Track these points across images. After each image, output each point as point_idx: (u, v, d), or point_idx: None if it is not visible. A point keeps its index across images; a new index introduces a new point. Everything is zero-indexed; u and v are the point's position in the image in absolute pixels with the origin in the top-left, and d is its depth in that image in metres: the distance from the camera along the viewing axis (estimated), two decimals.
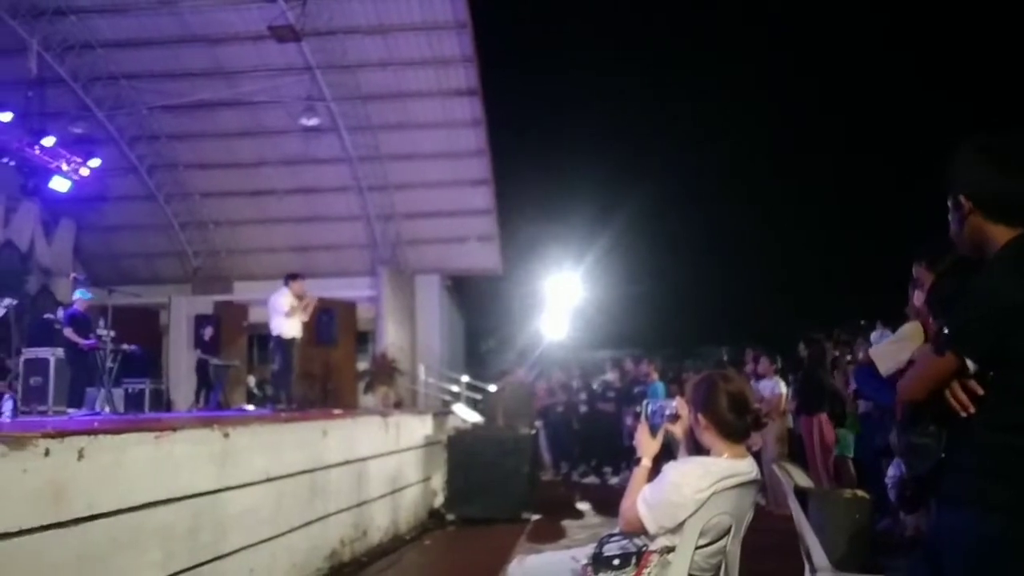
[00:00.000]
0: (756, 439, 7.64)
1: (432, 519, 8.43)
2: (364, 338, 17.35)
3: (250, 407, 12.06)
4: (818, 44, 24.13)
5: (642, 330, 21.90)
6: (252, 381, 15.69)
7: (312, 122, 14.24)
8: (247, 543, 4.60)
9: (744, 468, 2.57)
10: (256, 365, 16.66)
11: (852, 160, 23.85)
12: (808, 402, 8.10)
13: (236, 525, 4.52)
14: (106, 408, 8.89)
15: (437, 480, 8.84)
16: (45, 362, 9.64)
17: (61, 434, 3.30)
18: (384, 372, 15.87)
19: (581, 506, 9.66)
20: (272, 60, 14.15)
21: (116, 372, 9.45)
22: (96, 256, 16.79)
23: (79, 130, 13.89)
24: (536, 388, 12.80)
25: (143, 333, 13.42)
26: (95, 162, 13.51)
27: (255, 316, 15.23)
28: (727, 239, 25.20)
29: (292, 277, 9.25)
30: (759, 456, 7.35)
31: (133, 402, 11.10)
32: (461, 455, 8.50)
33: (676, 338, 22.85)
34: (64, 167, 12.95)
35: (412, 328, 17.33)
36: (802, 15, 24.04)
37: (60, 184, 13.05)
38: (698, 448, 2.70)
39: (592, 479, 12.09)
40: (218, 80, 14.57)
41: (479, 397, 14.86)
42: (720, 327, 22.62)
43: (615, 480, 11.42)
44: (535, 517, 8.32)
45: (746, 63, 24.94)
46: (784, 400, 8.57)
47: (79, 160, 13.19)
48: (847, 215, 24.06)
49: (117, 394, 10.01)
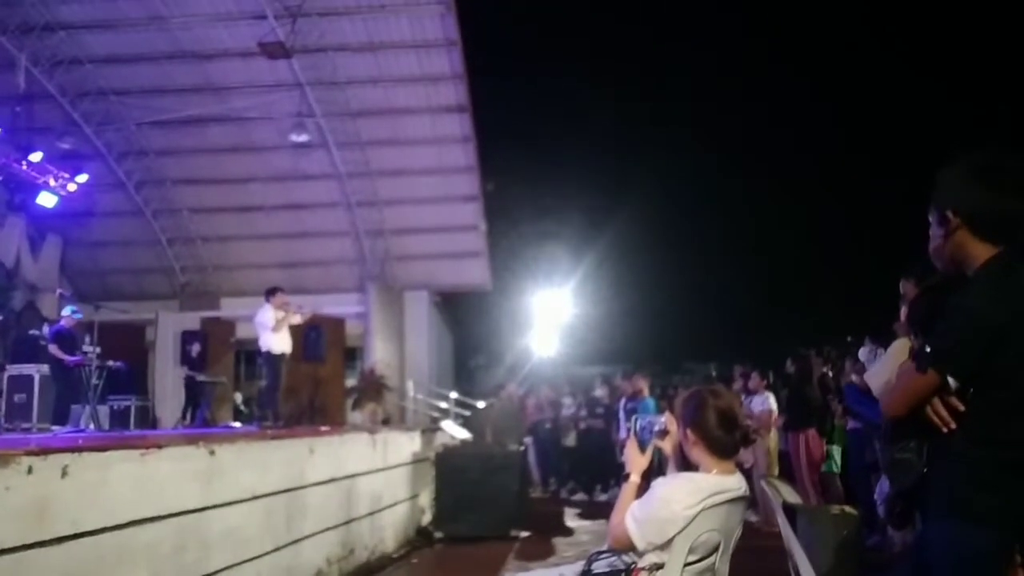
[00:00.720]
0: (747, 456, 7.65)
1: (420, 537, 8.37)
2: (352, 354, 17.28)
3: (236, 424, 11.99)
4: (813, 57, 24.42)
5: (631, 346, 21.92)
6: (239, 398, 15.59)
7: (302, 138, 14.25)
8: (233, 562, 4.55)
9: (733, 484, 2.57)
10: (243, 382, 16.56)
11: (842, 177, 24.05)
12: (796, 418, 8.11)
13: (222, 543, 4.48)
14: (91, 425, 8.81)
15: (425, 497, 8.78)
16: (29, 379, 9.56)
17: (45, 451, 3.26)
18: (372, 388, 15.79)
19: (570, 523, 9.62)
20: (262, 76, 14.18)
21: (101, 389, 9.37)
22: (82, 272, 16.69)
23: (67, 145, 13.84)
24: (525, 404, 12.77)
25: (129, 349, 13.32)
26: (83, 177, 13.47)
27: (242, 332, 15.14)
28: (715, 255, 25.32)
29: (272, 292, 9.22)
30: (750, 473, 7.36)
31: (118, 419, 11.01)
32: (449, 472, 8.46)
33: (664, 354, 22.89)
34: (51, 182, 12.91)
35: (401, 344, 17.28)
36: (798, 27, 24.34)
37: (47, 199, 13.00)
38: (687, 464, 2.69)
39: (581, 496, 12.05)
40: (208, 96, 14.58)
41: (468, 414, 14.81)
42: (708, 343, 22.69)
43: (604, 497, 11.38)
44: (524, 534, 8.27)
45: (737, 78, 25.19)
46: (774, 416, 8.57)
47: (66, 175, 13.16)
48: (836, 231, 24.29)
49: (102, 411, 9.92)
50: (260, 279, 14.29)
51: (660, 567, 2.51)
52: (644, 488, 2.64)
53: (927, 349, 2.12)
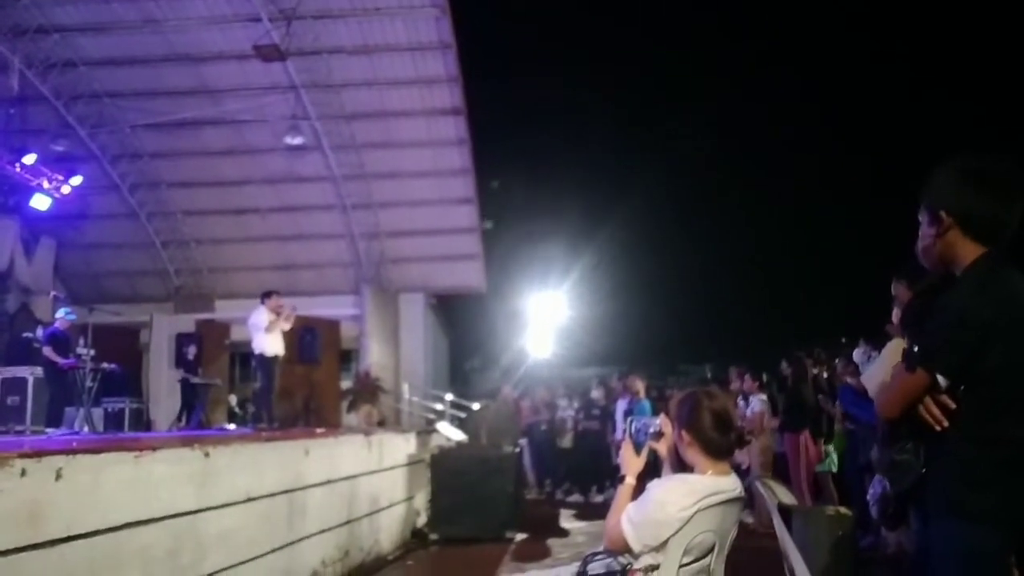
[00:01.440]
0: (742, 457, 7.67)
1: (415, 539, 8.37)
2: (347, 356, 17.25)
3: (231, 426, 11.97)
4: (810, 60, 24.51)
5: (626, 348, 21.97)
6: (234, 400, 15.55)
7: (296, 141, 14.24)
8: (227, 564, 4.54)
9: (728, 485, 2.58)
10: (238, 384, 16.52)
11: (834, 179, 24.13)
12: (792, 419, 8.13)
13: (216, 546, 4.47)
14: (85, 428, 8.79)
15: (420, 499, 8.77)
16: (23, 381, 9.54)
17: (38, 454, 3.26)
18: (367, 391, 15.78)
19: (565, 524, 9.62)
20: (257, 79, 14.15)
21: (96, 391, 9.35)
22: (77, 274, 16.64)
23: (61, 148, 13.81)
24: (520, 406, 12.77)
25: (123, 352, 13.29)
26: (76, 180, 13.44)
27: (237, 335, 15.11)
28: (710, 258, 25.37)
29: (267, 295, 9.24)
30: (745, 473, 7.38)
31: (113, 421, 10.98)
32: (445, 474, 8.46)
33: (659, 356, 22.94)
34: (45, 185, 12.87)
35: (396, 346, 17.27)
36: (795, 30, 24.41)
37: (41, 202, 12.97)
38: (682, 465, 2.70)
39: (576, 497, 12.05)
40: (202, 98, 14.55)
41: (463, 415, 14.80)
42: (703, 345, 22.75)
43: (599, 498, 11.39)
44: (519, 536, 8.28)
45: (735, 80, 25.27)
46: (765, 417, 8.59)
47: (60, 178, 13.13)
48: (830, 234, 24.35)
49: (96, 413, 9.91)
50: (255, 281, 14.30)
51: (656, 568, 2.51)
52: (640, 490, 2.65)
53: (915, 349, 2.16)
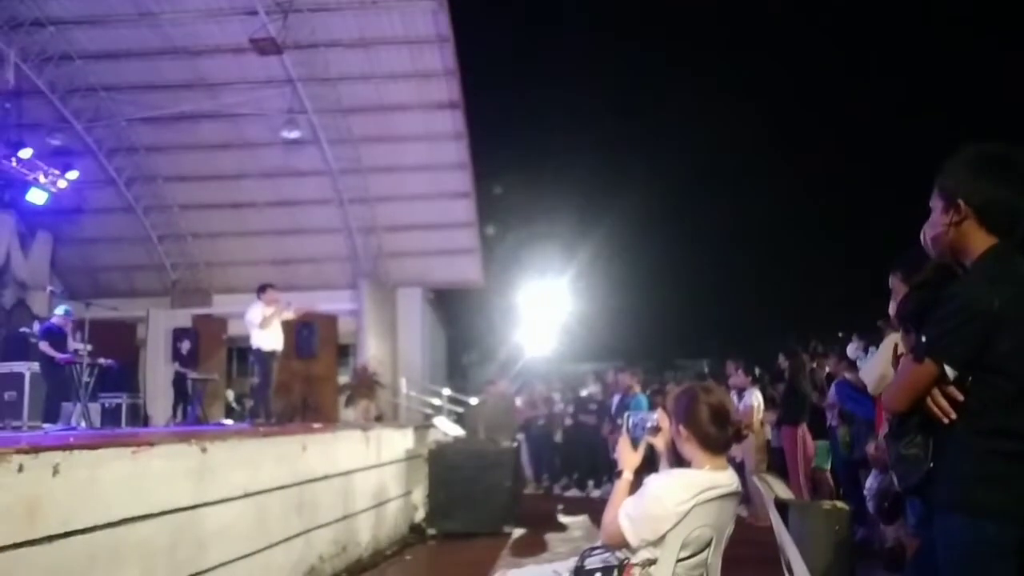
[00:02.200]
0: (737, 451, 7.68)
1: (413, 534, 8.37)
2: (345, 351, 17.25)
3: (228, 421, 11.97)
4: (807, 59, 24.47)
5: (623, 343, 21.96)
6: (231, 395, 15.56)
7: (293, 134, 14.20)
8: (225, 559, 4.55)
9: (725, 480, 2.58)
10: (235, 379, 16.52)
11: (830, 174, 24.14)
12: (789, 414, 8.14)
13: (214, 541, 4.47)
14: (82, 423, 8.79)
15: (418, 494, 8.78)
16: (20, 376, 9.52)
17: (35, 449, 3.25)
18: (365, 385, 15.78)
19: (563, 519, 9.64)
20: (253, 72, 14.11)
21: (92, 386, 9.35)
22: (73, 269, 16.61)
23: (57, 142, 13.76)
24: (518, 401, 12.78)
25: (120, 347, 13.27)
26: (73, 174, 13.40)
27: (234, 329, 15.11)
28: (706, 253, 25.39)
29: (263, 289, 9.23)
30: (740, 467, 7.39)
31: (110, 417, 10.98)
32: (442, 469, 8.46)
33: (657, 350, 22.96)
34: (41, 179, 12.84)
35: (393, 341, 17.27)
36: (793, 30, 24.39)
37: (37, 196, 12.93)
38: (679, 460, 2.70)
39: (574, 492, 12.07)
40: (199, 92, 14.50)
41: (461, 410, 14.81)
42: (699, 340, 22.77)
43: (597, 493, 11.41)
44: (517, 531, 8.29)
45: (734, 77, 25.24)
46: (758, 411, 8.60)
47: (56, 172, 13.09)
48: (825, 230, 24.37)
49: (93, 409, 9.90)
50: (252, 276, 14.27)
51: (653, 563, 2.52)
52: (637, 485, 2.65)
53: (923, 339, 2.13)
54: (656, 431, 2.76)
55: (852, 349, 7.55)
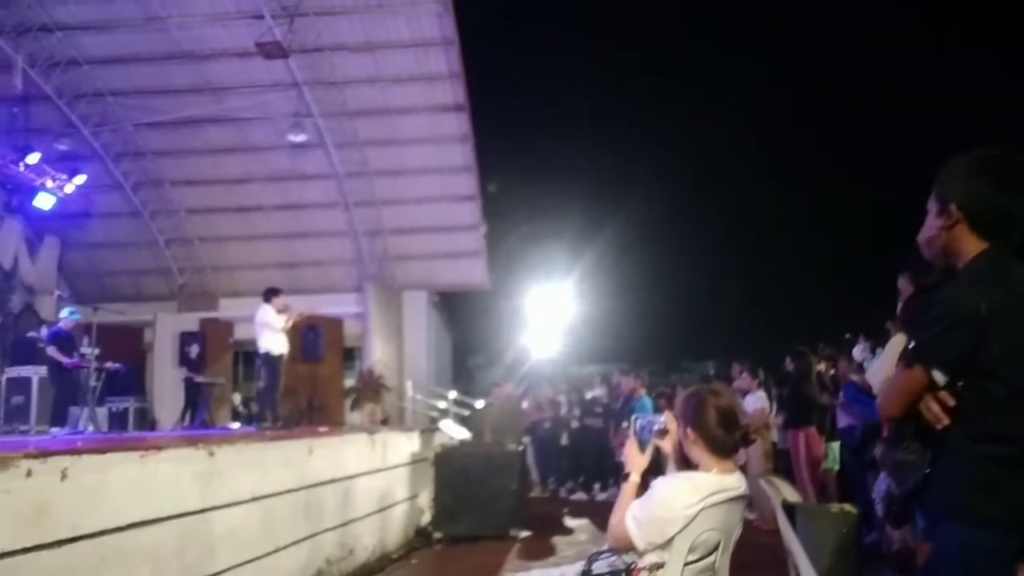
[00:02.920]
0: (742, 454, 7.65)
1: (419, 537, 8.37)
2: (351, 355, 17.27)
3: (235, 425, 11.99)
4: (811, 60, 24.43)
5: (629, 345, 21.95)
6: (237, 399, 15.59)
7: (299, 138, 14.25)
8: (234, 563, 4.55)
9: (733, 483, 2.57)
10: (241, 383, 16.55)
11: (837, 176, 24.08)
12: (796, 416, 8.12)
13: (222, 545, 4.48)
14: (90, 427, 8.82)
15: (424, 498, 8.78)
16: (28, 381, 9.57)
17: (44, 454, 3.26)
18: (371, 389, 15.79)
19: (570, 523, 9.62)
20: (259, 76, 14.17)
21: (100, 391, 9.40)
22: (80, 273, 16.68)
23: (64, 147, 13.83)
24: (524, 403, 12.77)
25: (127, 351, 13.32)
26: (80, 179, 13.47)
27: (240, 333, 15.14)
28: (712, 255, 25.33)
29: (275, 292, 9.24)
30: (745, 470, 7.37)
31: (117, 421, 11.02)
32: (448, 472, 8.45)
33: (663, 353, 22.93)
34: (49, 184, 12.90)
35: (399, 344, 17.28)
36: (795, 30, 24.34)
37: (45, 201, 13.00)
38: (687, 463, 2.69)
39: (580, 495, 12.06)
40: (205, 96, 14.57)
41: (467, 413, 14.81)
42: (706, 342, 22.73)
43: (603, 496, 11.39)
44: (523, 534, 8.27)
45: (736, 80, 25.22)
46: (766, 414, 8.57)
47: (64, 177, 13.15)
48: (833, 230, 24.29)
49: (101, 413, 9.94)
50: (258, 280, 14.30)
51: (660, 566, 2.51)
52: (644, 488, 2.64)
53: (911, 345, 2.14)
54: (663, 434, 2.75)
55: (859, 351, 7.54)
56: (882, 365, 3.37)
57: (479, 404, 13.01)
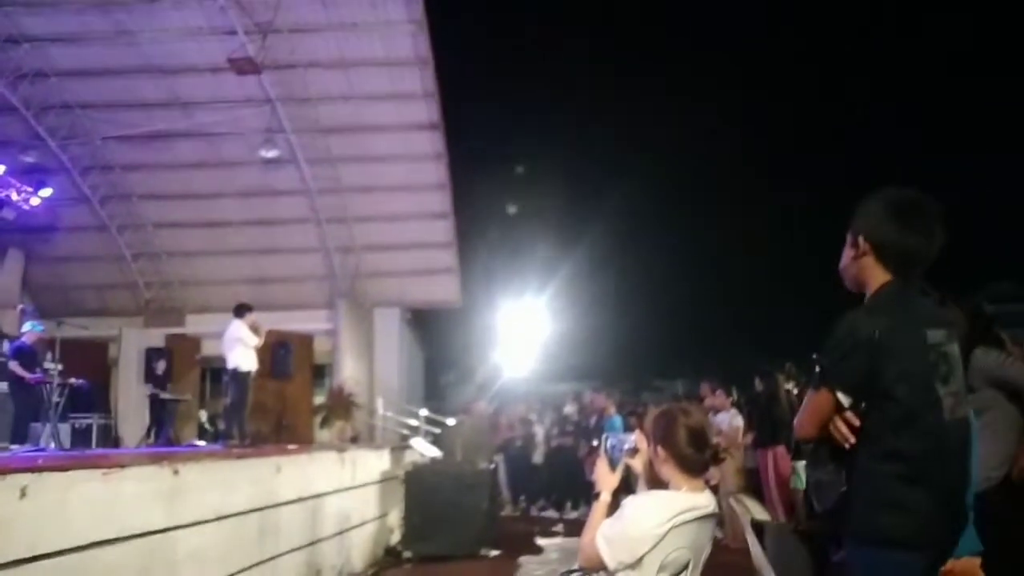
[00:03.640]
0: (714, 473, 7.68)
1: (389, 557, 8.29)
2: (321, 371, 17.11)
3: (201, 443, 11.80)
4: (784, 84, 24.88)
5: (602, 363, 22.02)
6: (204, 416, 15.35)
7: (271, 154, 14.16)
8: None
9: (703, 502, 2.58)
10: (208, 399, 16.31)
11: (805, 198, 24.47)
12: (765, 435, 8.19)
13: (187, 565, 4.39)
14: (52, 444, 8.61)
15: (394, 516, 8.70)
16: None
17: (2, 471, 3.19)
18: (341, 406, 15.64)
19: (541, 542, 9.58)
20: (231, 92, 14.08)
21: (63, 407, 9.17)
22: (45, 287, 16.37)
23: (30, 159, 13.61)
24: (497, 422, 12.74)
25: (92, 366, 13.07)
26: (46, 192, 13.27)
27: (208, 349, 14.94)
28: (683, 275, 25.58)
29: (247, 308, 9.17)
30: (717, 489, 7.40)
31: (80, 438, 10.76)
32: (419, 490, 8.39)
33: (634, 371, 23.02)
34: (14, 196, 12.70)
35: (370, 361, 17.17)
36: (767, 51, 24.77)
37: (9, 214, 12.76)
38: (657, 482, 2.70)
39: (551, 514, 12.02)
40: (175, 111, 14.44)
41: (438, 431, 14.72)
42: (677, 361, 22.86)
43: (574, 515, 11.36)
44: (494, 553, 8.23)
45: (710, 103, 25.60)
46: (741, 433, 8.64)
47: (30, 190, 12.95)
48: (801, 250, 24.64)
49: (63, 429, 9.70)
50: (227, 295, 14.16)
51: None
52: (615, 506, 2.64)
53: (817, 368, 2.28)
54: (634, 452, 2.75)
55: None
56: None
57: (451, 422, 12.94)
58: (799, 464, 8.01)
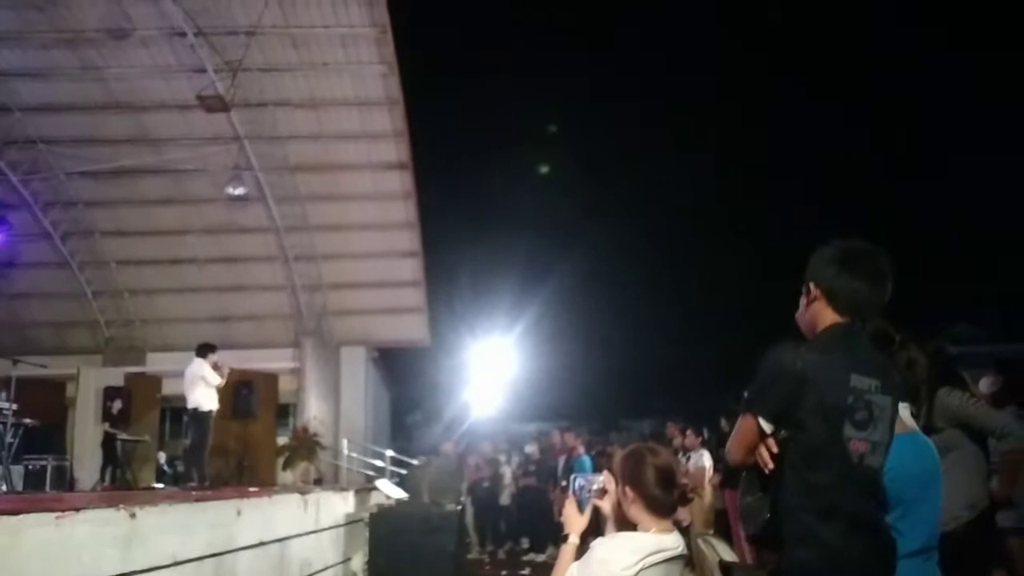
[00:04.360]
0: (684, 514, 7.66)
1: None
2: (285, 411, 16.84)
3: (159, 485, 11.51)
4: (752, 119, 25.44)
5: (569, 403, 22.00)
6: (163, 458, 15.00)
7: (239, 191, 14.08)
8: None
9: (671, 543, 2.57)
10: (168, 440, 15.95)
11: (769, 239, 24.93)
12: (733, 476, 8.18)
13: None
14: (3, 487, 8.34)
15: (358, 560, 8.52)
16: None
17: None
18: (305, 447, 15.35)
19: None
20: (199, 129, 14.04)
21: (16, 448, 8.91)
22: (1, 324, 15.94)
23: None
24: (464, 462, 12.61)
25: (48, 406, 12.75)
26: (4, 228, 13.00)
27: (169, 388, 14.64)
28: (650, 315, 25.78)
29: (210, 348, 9.05)
30: (687, 530, 7.37)
31: (33, 480, 10.49)
32: (384, 533, 8.22)
33: (602, 411, 23.03)
34: None
35: (336, 401, 16.92)
36: (741, 83, 25.32)
37: None
38: (626, 523, 2.68)
39: (519, 556, 11.86)
40: (142, 147, 14.34)
41: (404, 472, 14.52)
42: (644, 401, 22.93)
43: (542, 557, 11.22)
44: None
45: (681, 141, 26.13)
46: (708, 472, 8.64)
47: None
48: (768, 290, 25.00)
49: (16, 471, 9.42)
50: (189, 333, 13.94)
51: None
52: (583, 548, 2.62)
53: (744, 396, 2.37)
54: (602, 493, 2.74)
55: None
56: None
57: (417, 462, 12.78)
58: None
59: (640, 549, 2.49)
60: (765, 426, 2.27)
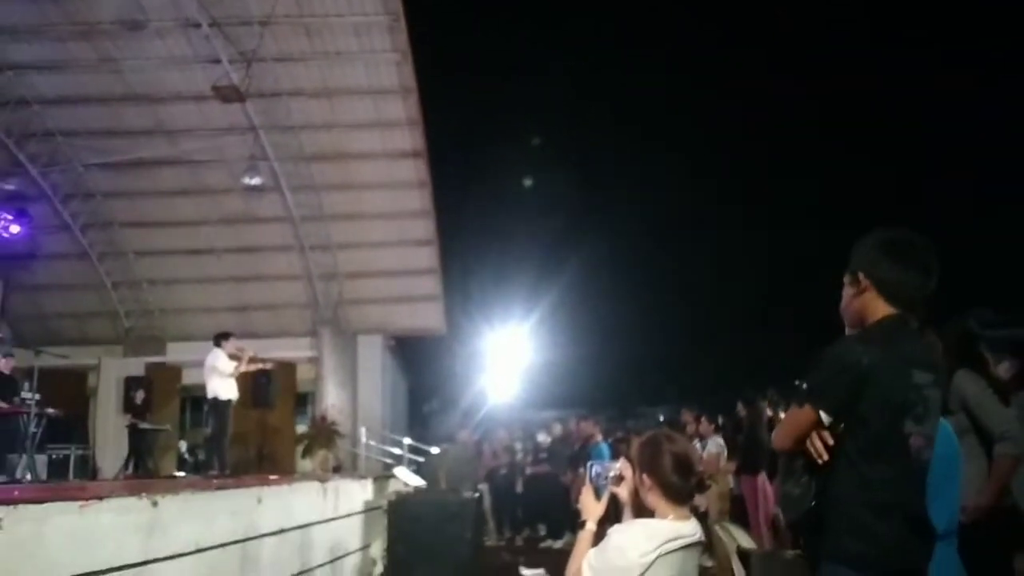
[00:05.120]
0: (701, 500, 7.66)
1: None
2: (303, 400, 16.96)
3: (181, 474, 11.63)
4: (757, 113, 25.21)
5: (587, 390, 22.00)
6: (183, 446, 15.15)
7: (255, 181, 14.14)
8: None
9: (688, 530, 2.57)
10: (188, 429, 16.10)
11: (787, 228, 24.74)
12: (749, 462, 8.18)
13: None
14: (28, 476, 8.47)
15: (377, 547, 8.58)
16: None
17: None
18: (323, 435, 15.48)
19: (526, 572, 9.46)
20: (215, 120, 14.09)
21: (40, 437, 9.03)
22: (23, 316, 16.16)
23: (10, 187, 13.52)
24: (482, 450, 12.65)
25: (70, 396, 12.92)
26: (25, 220, 13.13)
27: (189, 378, 14.79)
28: (667, 302, 25.68)
29: (225, 337, 9.09)
30: (704, 517, 7.37)
31: (57, 469, 10.62)
32: (402, 521, 8.27)
33: (619, 398, 23.01)
34: None
35: (353, 389, 17.02)
36: (746, 79, 25.11)
37: None
38: (643, 510, 2.68)
39: (537, 543, 11.90)
40: (159, 139, 14.42)
41: (422, 460, 14.59)
42: (661, 387, 22.89)
43: (559, 544, 11.26)
44: None
45: (696, 130, 25.95)
46: (721, 460, 8.63)
47: (9, 217, 12.83)
48: (783, 278, 24.85)
49: (40, 461, 9.56)
50: (208, 323, 14.05)
51: None
52: (601, 536, 2.62)
53: (804, 386, 2.36)
54: (619, 480, 2.73)
55: None
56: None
57: (434, 450, 12.84)
58: None
59: (657, 536, 2.50)
60: (824, 418, 2.26)
